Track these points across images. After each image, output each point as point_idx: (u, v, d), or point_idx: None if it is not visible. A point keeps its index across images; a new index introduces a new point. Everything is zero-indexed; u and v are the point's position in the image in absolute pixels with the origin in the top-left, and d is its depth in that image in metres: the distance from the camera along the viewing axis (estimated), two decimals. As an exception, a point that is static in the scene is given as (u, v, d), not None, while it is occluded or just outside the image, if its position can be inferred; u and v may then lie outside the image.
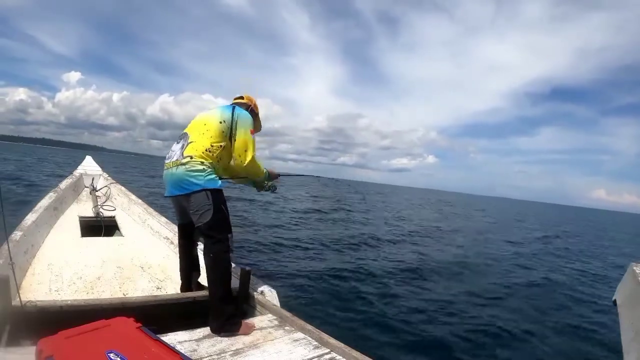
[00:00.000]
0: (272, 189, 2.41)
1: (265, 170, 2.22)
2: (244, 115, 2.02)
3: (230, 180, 2.28)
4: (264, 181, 2.31)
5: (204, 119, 1.99)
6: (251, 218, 9.82)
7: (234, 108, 2.05)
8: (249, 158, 1.97)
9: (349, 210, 15.73)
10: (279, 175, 2.41)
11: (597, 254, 12.22)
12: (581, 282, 7.36)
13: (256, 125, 2.20)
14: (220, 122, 1.94)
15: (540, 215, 38.63)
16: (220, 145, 1.93)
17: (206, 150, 1.87)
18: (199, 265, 2.21)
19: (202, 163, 1.84)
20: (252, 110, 2.18)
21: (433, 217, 19.41)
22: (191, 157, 1.84)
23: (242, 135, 1.96)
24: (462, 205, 40.01)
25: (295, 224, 9.96)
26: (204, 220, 1.80)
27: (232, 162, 2.08)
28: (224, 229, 1.83)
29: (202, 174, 1.82)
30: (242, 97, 2.26)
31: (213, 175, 1.85)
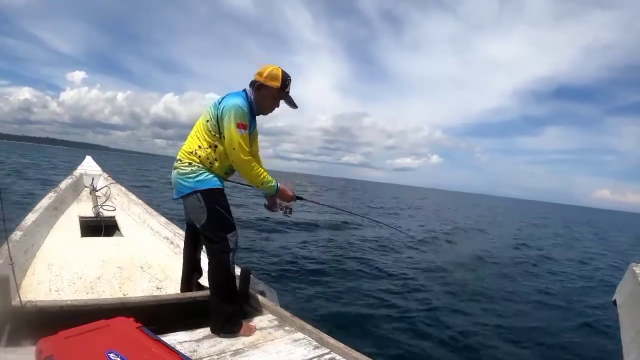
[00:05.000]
0: (283, 209, 2.04)
1: (270, 180, 1.87)
2: (228, 107, 1.73)
3: (240, 184, 2.08)
4: (271, 194, 1.96)
5: (199, 118, 1.91)
6: (251, 218, 9.82)
7: (223, 99, 1.81)
8: (236, 158, 1.76)
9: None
10: (297, 198, 2.04)
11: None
12: None
13: (265, 105, 1.88)
14: (207, 121, 1.79)
15: (585, 221, 36.33)
16: (211, 146, 1.80)
17: (192, 152, 1.80)
18: (200, 266, 2.21)
19: (190, 164, 1.79)
20: (260, 87, 1.83)
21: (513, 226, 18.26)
22: (180, 160, 1.83)
23: (227, 131, 1.73)
24: (478, 207, 39.47)
25: (297, 225, 9.94)
26: (199, 222, 1.79)
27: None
28: (220, 229, 1.78)
29: (191, 175, 1.77)
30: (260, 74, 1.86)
31: (204, 176, 1.78)
